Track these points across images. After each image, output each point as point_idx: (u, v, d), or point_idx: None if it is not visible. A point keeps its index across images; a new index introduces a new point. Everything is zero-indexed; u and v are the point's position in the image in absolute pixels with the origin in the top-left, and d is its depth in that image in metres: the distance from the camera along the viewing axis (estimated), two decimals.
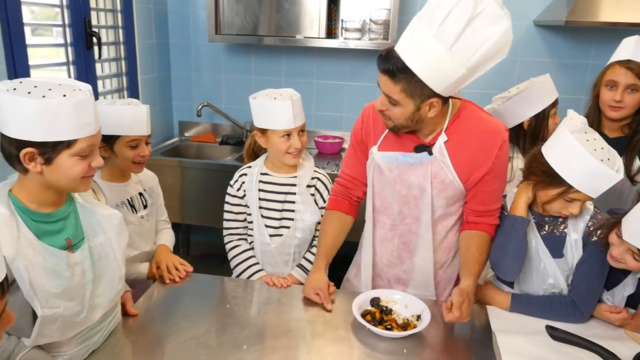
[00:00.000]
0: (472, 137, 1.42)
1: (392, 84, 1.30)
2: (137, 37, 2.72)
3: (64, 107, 1.05)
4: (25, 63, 1.93)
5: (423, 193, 1.47)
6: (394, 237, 1.58)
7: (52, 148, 1.08)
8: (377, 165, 1.52)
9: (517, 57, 2.83)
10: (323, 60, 3.00)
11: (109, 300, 1.25)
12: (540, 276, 1.45)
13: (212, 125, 3.26)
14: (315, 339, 1.33)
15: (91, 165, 1.15)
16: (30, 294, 1.06)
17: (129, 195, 1.70)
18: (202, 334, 1.32)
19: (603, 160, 1.26)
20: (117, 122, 1.58)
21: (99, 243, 1.24)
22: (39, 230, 1.12)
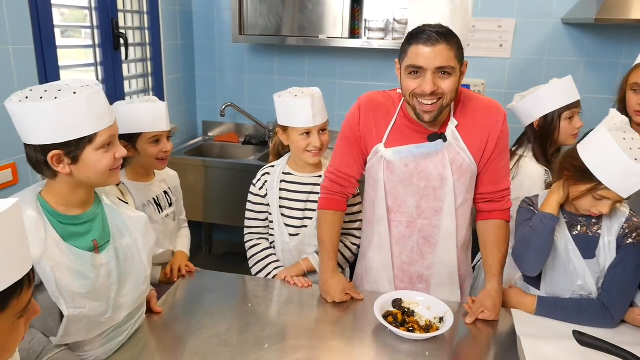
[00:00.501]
0: (478, 117, 1.44)
1: (448, 50, 1.28)
2: (162, 38, 2.76)
3: (77, 103, 1.07)
4: (55, 64, 1.98)
5: (443, 182, 1.45)
6: (413, 234, 1.54)
7: (75, 146, 1.10)
8: (388, 163, 1.48)
9: (545, 56, 2.78)
10: (346, 60, 2.99)
11: (133, 300, 1.27)
12: (569, 277, 1.42)
13: (236, 125, 3.29)
14: (336, 340, 1.33)
15: (116, 157, 1.18)
16: (56, 294, 1.08)
17: (155, 194, 1.72)
18: (224, 332, 1.33)
19: (637, 160, 1.21)
20: (137, 120, 1.60)
21: (125, 244, 1.26)
22: (66, 233, 1.14)
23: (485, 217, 1.51)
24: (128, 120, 1.59)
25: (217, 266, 3.05)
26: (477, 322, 1.41)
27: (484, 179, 1.49)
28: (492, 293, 1.44)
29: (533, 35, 2.76)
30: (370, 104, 1.51)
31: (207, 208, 2.93)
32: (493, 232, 1.49)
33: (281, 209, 1.76)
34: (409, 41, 1.31)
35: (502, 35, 2.78)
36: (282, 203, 1.75)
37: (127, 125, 1.59)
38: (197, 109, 3.31)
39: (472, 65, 2.93)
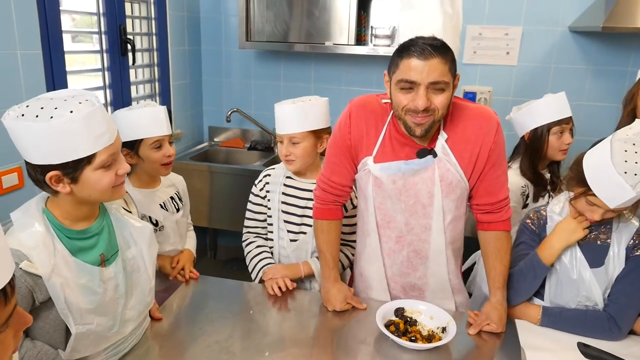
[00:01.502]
0: (468, 128, 1.38)
1: (443, 64, 1.23)
2: (170, 43, 2.78)
3: (73, 124, 1.02)
4: (63, 69, 2.00)
5: (432, 199, 1.42)
6: (402, 249, 1.51)
7: (73, 167, 1.06)
8: (375, 179, 1.43)
9: (552, 64, 2.76)
10: (352, 67, 3.00)
11: (139, 313, 1.26)
12: (574, 287, 1.40)
13: (242, 131, 3.30)
14: (338, 348, 1.32)
15: (118, 174, 1.13)
16: (65, 311, 1.07)
17: (161, 200, 1.71)
18: (225, 339, 1.33)
19: (627, 173, 1.20)
20: (137, 126, 1.59)
21: (131, 256, 1.24)
22: (73, 247, 1.12)
23: (484, 227, 1.48)
24: (128, 127, 1.58)
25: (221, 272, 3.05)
26: (480, 332, 1.40)
27: (480, 190, 1.44)
28: (497, 306, 1.42)
29: (540, 43, 2.75)
30: (362, 111, 1.45)
31: (212, 213, 2.94)
32: (493, 243, 1.46)
33: (281, 214, 1.75)
34: (400, 54, 1.25)
35: (509, 43, 2.78)
36: (282, 208, 1.75)
37: (127, 133, 1.58)
38: (203, 115, 3.32)
39: (478, 73, 2.94)
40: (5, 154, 1.73)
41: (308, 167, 1.74)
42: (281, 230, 1.76)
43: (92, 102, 1.06)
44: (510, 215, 1.48)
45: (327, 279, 1.53)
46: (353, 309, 1.50)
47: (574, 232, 1.37)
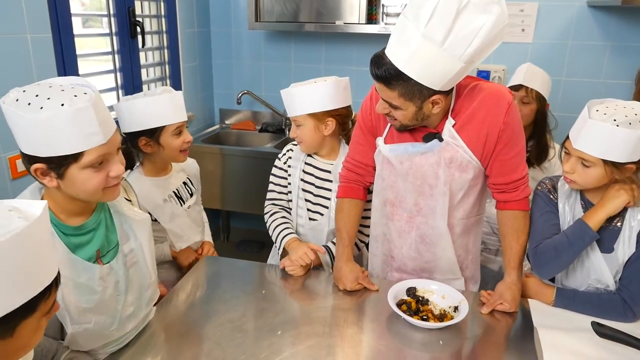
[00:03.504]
0: (477, 112, 1.36)
1: (389, 90, 1.26)
2: (179, 25, 2.76)
3: (61, 119, 0.95)
4: (73, 53, 2.00)
5: (437, 181, 1.43)
6: (411, 230, 1.53)
7: (58, 163, 1.00)
8: (386, 159, 1.48)
9: (569, 41, 2.69)
10: (363, 46, 2.95)
11: (138, 309, 1.23)
12: (584, 270, 1.38)
13: (252, 113, 3.29)
14: (349, 327, 1.32)
15: (110, 175, 1.06)
16: (63, 312, 1.04)
17: (174, 187, 1.71)
18: (238, 318, 1.34)
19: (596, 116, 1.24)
20: (157, 113, 1.56)
21: (129, 249, 1.21)
22: (69, 244, 1.08)
23: (501, 207, 1.48)
24: (147, 115, 1.55)
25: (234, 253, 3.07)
26: (493, 312, 1.39)
27: (493, 170, 1.43)
28: (512, 286, 1.41)
29: (557, 19, 2.68)
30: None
31: (224, 195, 2.95)
32: (509, 223, 1.45)
33: (301, 192, 1.76)
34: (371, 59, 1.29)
35: (525, 20, 2.71)
36: (302, 185, 1.76)
37: (147, 120, 1.56)
38: (214, 97, 3.32)
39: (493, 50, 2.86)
40: None
41: (321, 148, 1.74)
42: (300, 209, 1.77)
43: (89, 96, 0.99)
44: (528, 194, 1.46)
45: (340, 257, 1.54)
46: (365, 289, 1.50)
47: (614, 199, 1.31)
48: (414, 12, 1.16)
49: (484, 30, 1.15)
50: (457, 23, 1.14)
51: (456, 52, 1.17)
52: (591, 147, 1.26)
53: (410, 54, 1.18)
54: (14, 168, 1.74)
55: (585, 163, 1.29)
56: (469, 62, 1.20)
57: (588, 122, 1.24)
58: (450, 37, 1.15)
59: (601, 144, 1.24)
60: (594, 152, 1.26)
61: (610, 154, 1.24)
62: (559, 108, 2.77)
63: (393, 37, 1.23)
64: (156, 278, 1.30)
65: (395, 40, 1.21)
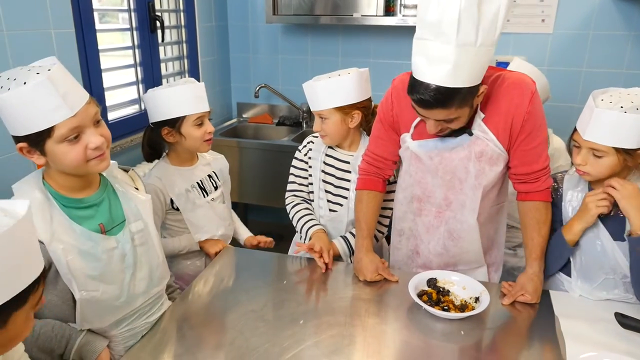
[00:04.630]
0: (501, 101, 1.36)
1: (445, 110, 1.25)
2: (197, 20, 2.78)
3: (25, 96, 0.98)
4: (95, 47, 2.04)
5: (467, 175, 1.44)
6: (440, 225, 1.54)
7: (36, 140, 1.03)
8: (414, 155, 1.49)
9: (590, 31, 2.65)
10: (381, 39, 2.94)
11: (148, 286, 1.27)
12: (598, 260, 1.37)
13: (270, 107, 3.31)
14: (371, 317, 1.33)
15: (89, 147, 1.07)
16: (68, 276, 1.09)
17: (198, 178, 1.73)
18: (260, 308, 1.36)
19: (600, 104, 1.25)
20: (178, 103, 1.59)
21: (138, 229, 1.24)
22: (71, 216, 1.12)
23: (522, 197, 1.47)
24: (169, 104, 1.58)
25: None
26: (514, 303, 1.39)
27: (514, 160, 1.43)
28: (533, 277, 1.40)
29: (578, 8, 2.63)
30: (403, 90, 1.44)
31: (241, 189, 2.97)
32: (531, 214, 1.45)
33: (322, 183, 1.77)
34: (408, 91, 1.27)
35: (545, 10, 2.67)
36: (323, 177, 1.77)
37: (168, 110, 1.59)
38: (231, 91, 3.34)
39: (511, 42, 2.84)
40: None
41: (345, 140, 1.75)
42: (320, 199, 1.78)
43: (45, 71, 1.00)
44: (549, 185, 1.45)
45: (360, 248, 1.55)
46: (385, 280, 1.51)
47: (587, 210, 1.33)
48: (433, 30, 1.16)
49: (502, 9, 1.16)
50: (481, 16, 1.15)
51: (488, 41, 1.18)
52: (602, 136, 1.26)
53: (452, 68, 1.16)
54: None
55: (597, 153, 1.29)
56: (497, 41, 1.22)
57: (595, 111, 1.24)
58: (479, 32, 1.15)
59: (611, 132, 1.24)
60: (605, 141, 1.26)
61: (621, 141, 1.24)
62: (580, 100, 2.73)
63: (420, 61, 1.21)
64: (164, 258, 1.34)
65: (426, 63, 1.19)
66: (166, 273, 1.36)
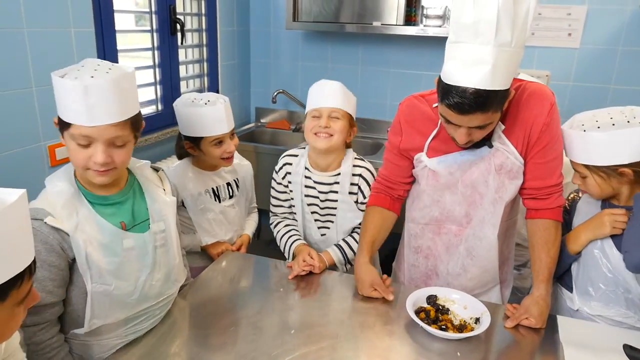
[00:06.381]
0: (521, 111, 1.33)
1: (482, 115, 1.20)
2: (219, 24, 2.81)
3: (65, 87, 1.06)
4: (114, 48, 2.07)
5: (487, 189, 1.40)
6: (460, 244, 1.50)
7: (62, 124, 1.11)
8: (432, 172, 1.45)
9: (619, 47, 2.55)
10: (401, 48, 2.90)
11: (163, 288, 1.27)
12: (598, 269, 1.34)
13: (288, 113, 3.30)
14: (364, 331, 1.30)
15: (92, 159, 1.10)
16: (84, 267, 1.11)
17: (215, 184, 1.76)
18: (254, 315, 1.34)
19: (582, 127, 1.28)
20: (197, 124, 1.62)
21: (160, 229, 1.26)
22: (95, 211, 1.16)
23: (532, 215, 1.42)
24: (189, 123, 1.63)
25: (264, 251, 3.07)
26: (518, 326, 1.33)
27: (528, 173, 1.38)
28: (539, 300, 1.34)
29: (606, 23, 2.55)
30: (410, 114, 1.47)
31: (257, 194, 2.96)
32: (540, 233, 1.39)
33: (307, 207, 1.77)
34: (442, 99, 1.21)
35: (572, 24, 2.59)
36: (307, 201, 1.76)
37: (188, 128, 1.64)
38: (250, 96, 3.35)
39: (535, 56, 2.77)
40: None
41: (333, 156, 1.71)
42: (308, 222, 1.77)
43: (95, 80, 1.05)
44: (561, 204, 1.40)
45: (357, 259, 1.52)
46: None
47: (602, 226, 1.32)
48: (470, 32, 1.14)
49: (532, 9, 1.15)
50: (515, 16, 1.13)
51: (520, 42, 1.16)
52: (572, 155, 1.32)
53: (491, 69, 1.13)
54: (53, 156, 1.81)
55: (580, 174, 1.34)
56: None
57: (564, 132, 1.31)
58: (514, 32, 1.14)
59: (578, 151, 1.30)
60: (575, 159, 1.32)
61: (588, 158, 1.29)
62: None
63: (454, 66, 1.17)
64: (181, 260, 1.35)
65: (462, 67, 1.15)
66: (181, 275, 1.36)
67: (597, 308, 1.37)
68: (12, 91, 1.66)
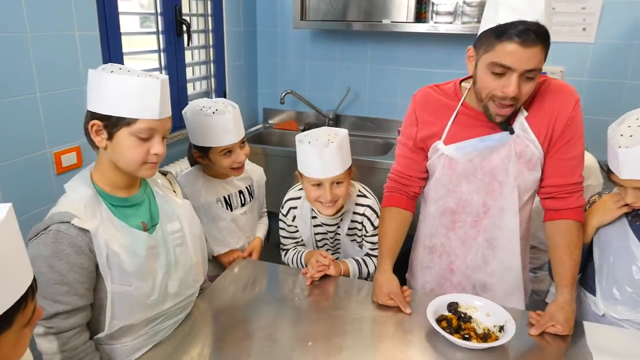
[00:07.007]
0: (546, 101, 1.32)
1: (542, 52, 1.17)
2: (225, 24, 2.76)
3: (130, 84, 1.09)
4: (119, 50, 2.03)
5: (507, 176, 1.36)
6: (478, 235, 1.45)
7: (114, 123, 1.12)
8: (450, 160, 1.40)
9: (635, 41, 2.48)
10: (411, 46, 2.84)
11: (181, 288, 1.26)
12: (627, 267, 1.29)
13: (296, 113, 3.26)
14: (384, 342, 1.25)
15: (150, 152, 1.15)
16: (105, 268, 1.10)
17: (227, 193, 1.72)
18: (268, 326, 1.30)
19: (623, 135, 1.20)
20: (205, 133, 1.57)
21: (174, 229, 1.26)
22: (115, 213, 1.17)
23: (552, 216, 1.38)
24: (197, 132, 1.58)
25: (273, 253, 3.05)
26: (544, 334, 1.28)
27: (549, 170, 1.36)
28: (565, 306, 1.29)
29: (622, 17, 2.48)
30: (425, 102, 1.44)
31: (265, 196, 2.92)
32: (561, 235, 1.35)
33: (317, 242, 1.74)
34: (499, 36, 1.17)
35: (586, 18, 2.52)
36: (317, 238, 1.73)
37: (196, 137, 1.59)
38: (258, 96, 3.31)
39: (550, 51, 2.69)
40: (66, 134, 1.78)
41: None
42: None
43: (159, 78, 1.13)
44: (583, 204, 1.37)
45: (378, 267, 1.48)
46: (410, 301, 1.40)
47: (609, 209, 1.32)
48: None
49: None
50: None
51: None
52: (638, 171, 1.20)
53: (544, 7, 1.15)
54: (58, 163, 1.78)
55: None
56: None
57: (622, 151, 1.19)
58: None
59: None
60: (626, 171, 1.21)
61: None
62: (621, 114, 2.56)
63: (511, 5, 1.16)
64: (197, 260, 1.33)
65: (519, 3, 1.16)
66: (200, 276, 1.36)
67: (624, 312, 1.32)
68: (16, 97, 1.62)
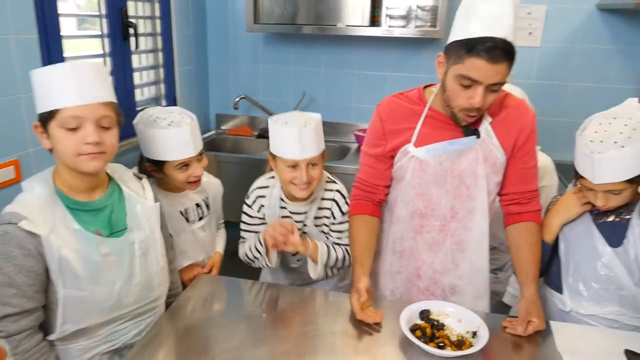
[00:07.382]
0: (510, 115, 1.40)
1: (507, 67, 1.23)
2: (174, 27, 2.65)
3: (53, 76, 1.07)
4: (60, 55, 1.88)
5: (477, 179, 1.40)
6: (445, 239, 1.47)
7: (45, 119, 1.09)
8: (420, 163, 1.41)
9: (576, 44, 2.60)
10: (365, 50, 2.84)
11: (142, 291, 1.25)
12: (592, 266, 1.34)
13: (249, 118, 3.18)
14: (360, 356, 1.21)
15: (84, 142, 1.09)
16: (56, 273, 1.08)
17: (184, 207, 1.64)
18: (236, 347, 1.22)
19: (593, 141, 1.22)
20: (160, 147, 1.48)
21: (140, 239, 1.23)
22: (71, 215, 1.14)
23: (514, 219, 1.45)
24: (151, 145, 1.48)
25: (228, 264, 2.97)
26: (515, 337, 1.28)
27: (512, 178, 1.44)
28: (534, 299, 1.33)
29: (565, 22, 2.59)
30: (391, 111, 1.45)
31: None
32: (524, 235, 1.42)
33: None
34: (469, 51, 1.21)
35: (532, 23, 2.62)
36: None
37: (150, 150, 1.50)
38: (209, 102, 3.20)
39: None
40: (2, 147, 1.62)
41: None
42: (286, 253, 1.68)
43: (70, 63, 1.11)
44: (540, 208, 1.46)
45: (353, 277, 1.43)
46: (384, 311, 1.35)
47: (572, 206, 1.37)
48: None
49: None
50: None
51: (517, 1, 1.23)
52: (612, 177, 1.22)
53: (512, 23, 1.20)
54: None
55: (614, 192, 1.26)
56: None
57: (594, 157, 1.21)
58: None
59: (619, 170, 1.22)
60: (617, 179, 1.23)
61: (632, 172, 1.22)
62: (568, 114, 2.68)
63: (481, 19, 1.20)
64: (166, 264, 1.32)
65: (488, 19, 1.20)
66: (165, 280, 1.33)
67: (589, 308, 1.36)
68: None
